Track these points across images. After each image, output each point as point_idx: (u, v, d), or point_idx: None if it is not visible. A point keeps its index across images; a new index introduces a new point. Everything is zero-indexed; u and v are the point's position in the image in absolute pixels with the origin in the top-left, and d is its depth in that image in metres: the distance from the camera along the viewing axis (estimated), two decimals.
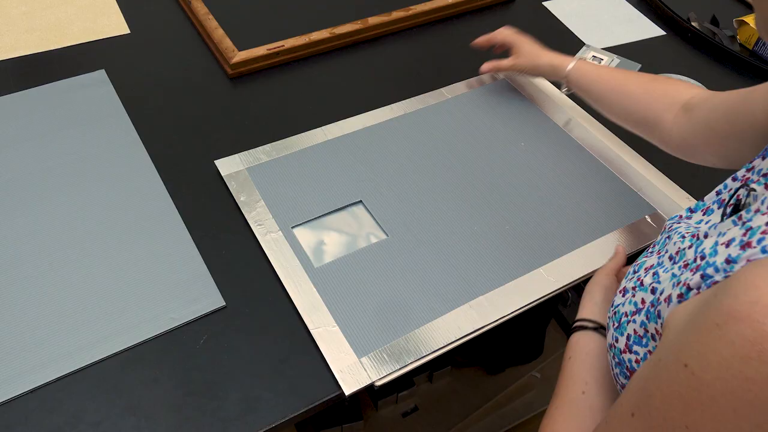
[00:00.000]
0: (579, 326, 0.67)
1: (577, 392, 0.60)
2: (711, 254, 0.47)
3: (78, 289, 0.73)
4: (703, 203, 0.60)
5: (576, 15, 1.22)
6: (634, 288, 0.56)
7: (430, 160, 0.91)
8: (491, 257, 0.79)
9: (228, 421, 0.64)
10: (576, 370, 0.62)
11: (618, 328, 0.55)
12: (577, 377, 0.62)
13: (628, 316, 0.54)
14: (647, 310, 0.51)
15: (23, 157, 0.88)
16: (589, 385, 0.61)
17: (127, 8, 1.16)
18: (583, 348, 0.64)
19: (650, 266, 0.56)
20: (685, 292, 0.46)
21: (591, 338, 0.65)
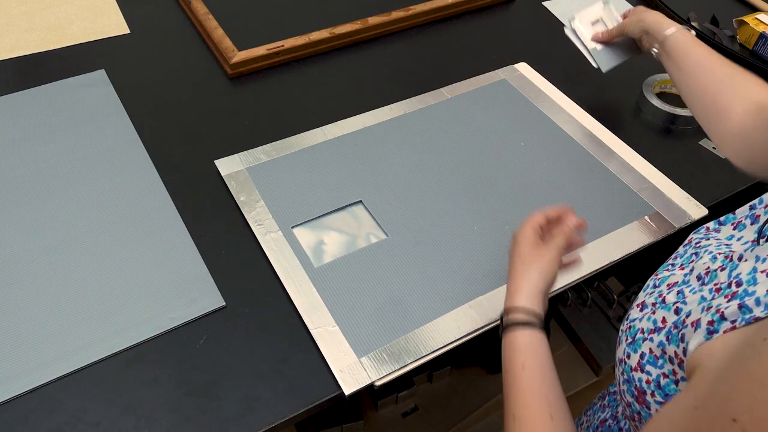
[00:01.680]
0: (525, 321, 0.59)
1: (546, 417, 0.54)
2: (749, 282, 0.43)
3: (78, 289, 0.73)
4: (734, 216, 0.55)
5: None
6: (655, 304, 0.52)
7: (430, 160, 0.91)
8: (491, 257, 0.79)
9: (228, 421, 0.64)
10: (537, 386, 0.56)
11: (632, 344, 0.51)
12: (540, 396, 0.55)
13: (645, 333, 0.51)
14: (668, 330, 0.48)
15: (23, 157, 0.88)
16: (554, 405, 0.55)
17: (127, 8, 1.16)
18: (536, 356, 0.58)
19: (674, 283, 0.52)
20: (717, 320, 0.43)
21: (538, 339, 0.59)
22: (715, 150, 0.96)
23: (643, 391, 0.49)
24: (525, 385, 0.56)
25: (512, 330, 0.59)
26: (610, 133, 0.96)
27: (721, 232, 0.55)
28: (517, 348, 0.58)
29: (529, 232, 0.65)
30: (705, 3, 1.26)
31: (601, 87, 1.06)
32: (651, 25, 0.86)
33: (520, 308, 0.60)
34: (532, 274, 0.62)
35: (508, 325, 0.60)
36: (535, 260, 0.63)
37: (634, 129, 0.99)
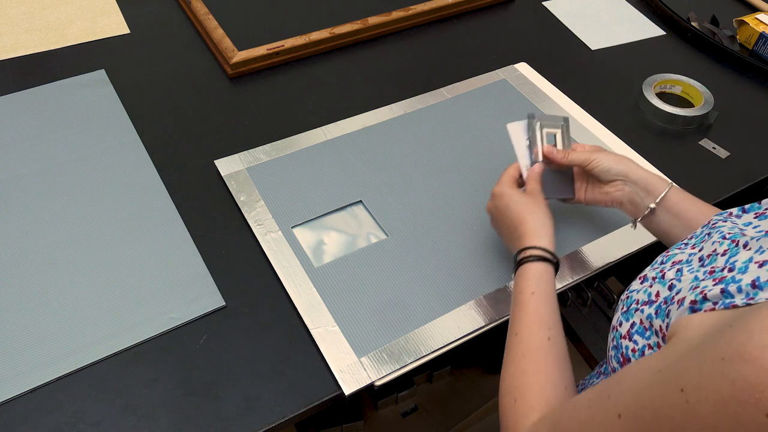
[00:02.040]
0: (540, 256, 0.64)
1: (544, 338, 0.59)
2: (741, 269, 0.45)
3: (78, 289, 0.73)
4: (759, 206, 0.55)
5: (576, 15, 1.22)
6: (654, 278, 0.53)
7: (430, 160, 0.91)
8: (491, 257, 0.79)
9: (228, 421, 0.64)
10: (542, 311, 0.61)
11: (626, 312, 0.54)
12: (542, 320, 0.60)
13: (639, 304, 0.53)
14: (659, 305, 0.50)
15: (23, 157, 0.88)
16: (553, 330, 0.60)
17: (127, 8, 1.16)
18: (546, 285, 0.63)
19: (678, 261, 0.54)
20: (700, 300, 0.45)
21: (550, 273, 0.64)
22: (715, 150, 0.96)
23: (629, 358, 0.52)
24: (531, 308, 0.61)
25: (528, 262, 0.65)
26: (610, 133, 0.96)
27: (742, 218, 0.55)
28: (530, 277, 0.63)
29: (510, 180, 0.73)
30: (705, 3, 1.26)
31: (601, 87, 1.06)
32: (643, 181, 0.71)
33: (537, 246, 0.65)
34: (541, 218, 0.68)
35: (524, 260, 0.65)
36: (536, 206, 0.69)
37: (634, 129, 0.99)
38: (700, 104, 1.01)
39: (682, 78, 1.05)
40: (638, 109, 1.02)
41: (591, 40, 1.16)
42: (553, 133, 0.77)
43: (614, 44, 1.16)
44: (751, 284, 0.42)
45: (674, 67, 1.09)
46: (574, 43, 1.16)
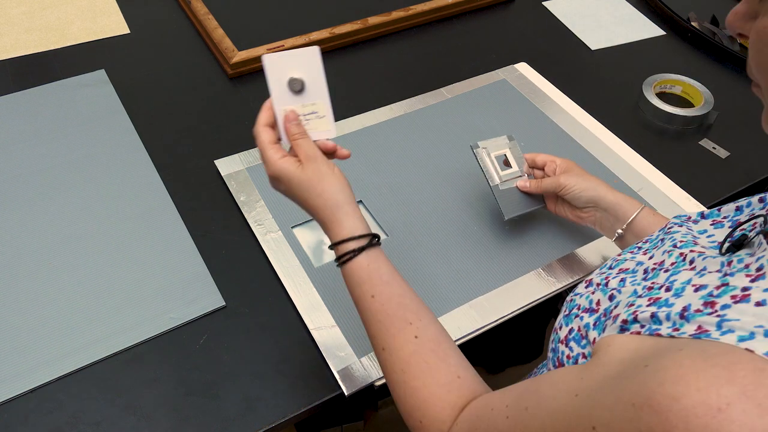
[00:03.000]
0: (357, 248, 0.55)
1: (411, 340, 0.53)
2: (677, 291, 0.42)
3: (78, 289, 0.73)
4: (718, 214, 0.53)
5: (576, 15, 1.22)
6: (598, 285, 0.51)
7: (430, 160, 0.91)
8: (491, 257, 0.79)
9: (228, 421, 0.64)
10: (393, 308, 0.54)
11: (567, 316, 0.51)
12: (399, 320, 0.54)
13: (579, 310, 0.50)
14: (598, 316, 0.48)
15: (23, 157, 0.88)
16: (414, 322, 0.54)
17: (127, 8, 1.16)
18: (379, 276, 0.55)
19: (624, 269, 0.51)
20: (630, 321, 0.42)
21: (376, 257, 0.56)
22: (715, 150, 0.96)
23: (563, 364, 0.50)
24: (381, 314, 0.54)
25: (348, 262, 0.56)
26: (610, 133, 0.96)
27: (699, 224, 0.53)
28: (360, 279, 0.55)
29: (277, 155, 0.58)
30: (705, 3, 1.26)
31: (601, 87, 1.06)
32: (613, 208, 0.71)
33: (345, 238, 0.56)
34: (335, 197, 0.56)
35: (343, 261, 0.56)
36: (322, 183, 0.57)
37: (634, 129, 0.99)
38: (700, 104, 1.01)
39: (682, 78, 1.05)
40: (638, 109, 1.02)
41: (591, 40, 1.16)
42: (502, 154, 0.77)
43: (614, 44, 1.16)
44: (681, 313, 0.39)
45: (674, 67, 1.09)
46: (574, 43, 1.16)
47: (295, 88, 0.59)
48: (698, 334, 0.37)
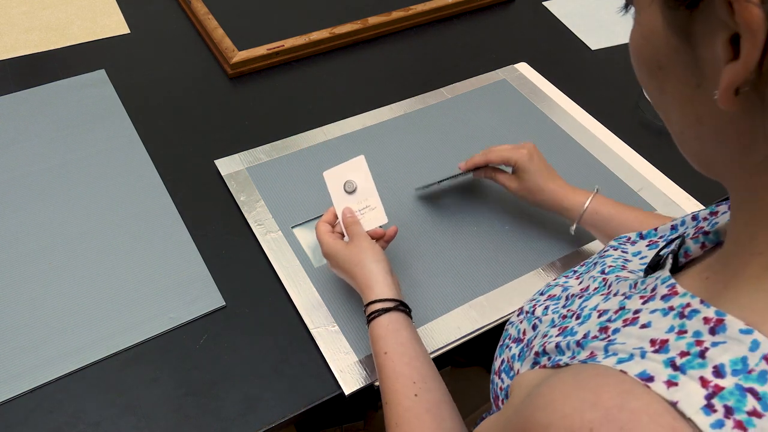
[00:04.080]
0: (382, 309, 0.62)
1: (410, 397, 0.56)
2: (585, 318, 0.41)
3: (77, 289, 0.73)
4: (655, 233, 0.52)
5: (576, 15, 1.22)
6: (527, 313, 0.50)
7: (430, 160, 0.91)
8: (491, 257, 0.79)
9: (228, 421, 0.64)
10: (400, 367, 0.58)
11: (501, 347, 0.51)
12: (404, 378, 0.58)
13: (510, 340, 0.50)
14: (522, 347, 0.47)
15: (23, 157, 0.88)
16: (419, 383, 0.57)
17: (127, 8, 1.16)
18: (396, 337, 0.60)
19: (552, 296, 0.50)
20: (541, 353, 0.41)
21: (397, 320, 0.61)
22: None
23: (497, 395, 0.49)
24: (389, 370, 0.59)
25: (372, 320, 0.62)
26: (610, 132, 0.96)
27: (636, 245, 0.52)
28: (379, 336, 0.61)
29: (330, 238, 0.69)
30: None
31: (601, 87, 1.06)
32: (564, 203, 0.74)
33: (375, 300, 0.63)
34: (370, 266, 0.65)
35: (369, 318, 0.63)
36: (360, 255, 0.66)
37: (634, 129, 0.99)
38: None
39: None
40: (638, 109, 1.02)
41: (591, 40, 1.16)
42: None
43: (614, 44, 1.15)
44: (578, 341, 0.38)
45: None
46: (574, 43, 1.16)
47: (349, 188, 0.73)
48: (586, 359, 0.36)
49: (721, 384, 0.29)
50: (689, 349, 0.31)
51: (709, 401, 0.29)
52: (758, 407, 0.28)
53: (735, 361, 0.29)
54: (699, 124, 0.33)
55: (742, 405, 0.28)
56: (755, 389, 0.29)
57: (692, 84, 0.32)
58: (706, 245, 0.42)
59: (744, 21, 0.26)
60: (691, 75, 0.31)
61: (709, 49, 0.29)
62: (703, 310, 0.32)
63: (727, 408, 0.28)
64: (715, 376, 0.29)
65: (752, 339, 0.30)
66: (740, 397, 0.29)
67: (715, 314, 0.32)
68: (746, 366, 0.29)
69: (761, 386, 0.29)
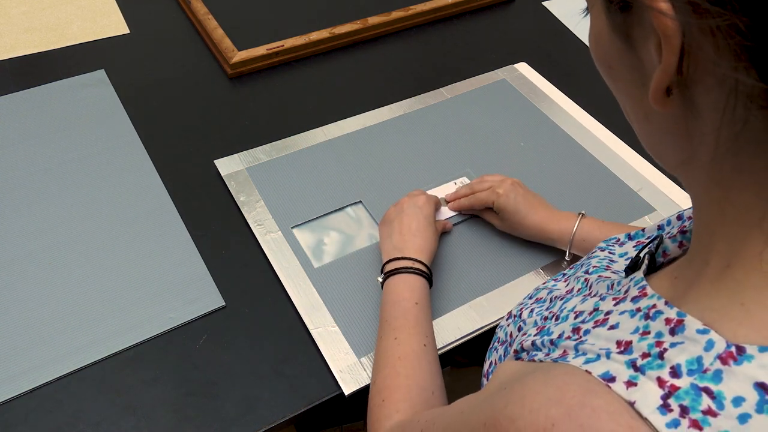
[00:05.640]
0: (420, 270, 0.67)
1: (420, 344, 0.61)
2: (563, 318, 0.42)
3: (77, 289, 0.73)
4: (642, 234, 0.52)
5: (576, 15, 1.22)
6: (515, 316, 0.51)
7: (430, 160, 0.91)
8: (491, 257, 0.79)
9: (228, 421, 0.64)
10: (423, 321, 0.64)
11: (490, 350, 0.52)
12: (422, 329, 0.63)
13: (498, 343, 0.51)
14: (506, 346, 0.48)
15: (23, 157, 0.88)
16: (429, 338, 0.63)
17: (126, 8, 1.16)
18: (427, 299, 0.66)
19: (539, 299, 0.51)
20: (519, 350, 0.42)
21: (426, 287, 0.67)
22: None
23: None
24: (413, 316, 0.64)
25: (414, 273, 0.67)
26: (609, 132, 0.96)
27: (624, 246, 0.52)
28: (415, 288, 0.66)
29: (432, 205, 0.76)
30: None
31: (601, 87, 1.06)
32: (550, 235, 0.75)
33: (423, 262, 0.69)
34: (433, 238, 0.72)
35: (407, 271, 0.67)
36: (434, 228, 0.74)
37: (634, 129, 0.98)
38: None
39: None
40: None
41: None
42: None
43: None
44: (552, 340, 0.39)
45: None
46: (574, 43, 1.16)
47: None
48: (558, 358, 0.37)
49: (677, 384, 0.30)
50: (650, 350, 0.32)
51: (665, 401, 0.29)
52: (713, 406, 0.29)
53: (691, 361, 0.30)
54: (647, 122, 0.34)
55: (697, 404, 0.29)
56: (710, 388, 0.29)
57: (638, 83, 0.33)
58: (684, 244, 0.42)
59: (660, 29, 0.28)
60: (637, 75, 0.32)
61: (646, 52, 0.31)
62: (666, 311, 0.33)
63: (683, 407, 0.29)
64: (672, 377, 0.30)
65: (707, 339, 0.30)
66: (695, 396, 0.29)
67: (677, 315, 0.32)
68: (701, 365, 0.30)
69: (716, 385, 0.29)
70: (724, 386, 0.29)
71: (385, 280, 0.68)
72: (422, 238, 0.71)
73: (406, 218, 0.73)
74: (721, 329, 0.30)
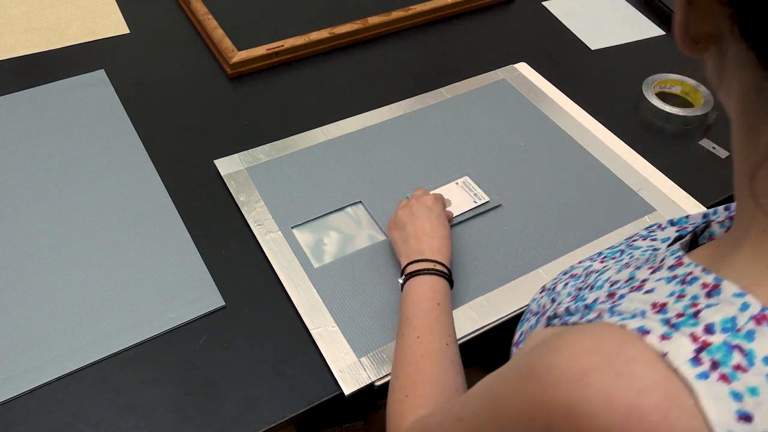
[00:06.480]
0: (441, 272, 0.68)
1: (443, 343, 0.62)
2: (598, 287, 0.44)
3: (77, 289, 0.73)
4: (686, 220, 0.53)
5: (576, 15, 1.22)
6: (548, 290, 0.53)
7: (430, 160, 0.91)
8: (491, 258, 0.79)
9: (228, 421, 0.64)
10: (444, 321, 0.65)
11: (521, 321, 0.55)
12: (444, 329, 0.64)
13: (529, 314, 0.53)
14: (539, 316, 0.50)
15: (23, 157, 0.88)
16: (451, 338, 0.64)
17: (126, 8, 1.16)
18: (449, 300, 0.67)
19: (573, 275, 0.53)
20: (552, 316, 0.45)
21: (448, 288, 0.68)
22: (715, 150, 0.96)
23: None
24: (435, 316, 0.65)
25: (437, 275, 0.68)
26: (609, 132, 0.96)
27: (666, 231, 0.54)
28: (438, 289, 0.67)
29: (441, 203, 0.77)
30: None
31: (601, 87, 1.06)
32: None
33: (444, 264, 0.69)
34: (448, 237, 0.73)
35: (429, 272, 0.68)
36: (446, 227, 0.74)
37: (633, 129, 0.99)
38: (699, 104, 1.01)
39: (681, 78, 1.05)
40: (638, 109, 1.02)
41: (591, 40, 1.16)
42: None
43: (614, 44, 1.16)
44: (587, 304, 0.41)
45: (674, 67, 1.09)
46: (574, 43, 1.16)
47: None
48: (593, 319, 0.39)
49: (709, 340, 0.32)
50: (685, 311, 0.34)
51: (697, 355, 0.31)
52: (743, 362, 0.31)
53: (725, 321, 0.32)
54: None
55: (728, 360, 0.31)
56: (742, 346, 0.31)
57: None
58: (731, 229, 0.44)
59: None
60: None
61: None
62: (702, 277, 0.35)
63: (714, 362, 0.31)
64: (705, 333, 0.32)
65: (743, 301, 0.32)
66: (727, 352, 0.31)
67: (713, 280, 0.34)
68: (735, 325, 0.32)
69: (748, 344, 0.31)
70: (756, 345, 0.31)
71: (405, 282, 0.69)
72: (438, 238, 0.71)
73: (419, 221, 0.73)
74: (757, 293, 0.32)
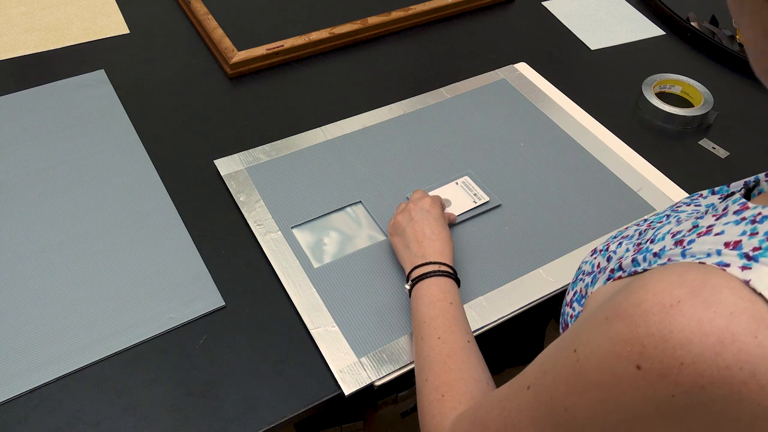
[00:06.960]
0: (447, 273, 0.69)
1: (465, 341, 0.63)
2: (658, 239, 0.46)
3: (77, 289, 0.73)
4: (728, 189, 0.55)
5: (576, 15, 1.22)
6: (601, 251, 0.55)
7: (430, 160, 0.91)
8: (490, 258, 0.79)
9: (228, 421, 0.64)
10: (461, 319, 0.65)
11: (574, 282, 0.56)
12: (462, 326, 0.65)
13: (584, 275, 0.55)
14: (595, 275, 0.52)
15: (22, 157, 0.88)
16: (469, 335, 0.65)
17: (126, 8, 1.16)
18: (457, 296, 0.68)
19: (626, 236, 0.55)
20: (616, 269, 0.47)
21: (456, 287, 0.69)
22: (715, 150, 0.96)
23: (567, 324, 0.54)
24: (452, 315, 0.65)
25: (441, 277, 0.69)
26: (609, 132, 0.96)
27: (708, 199, 0.56)
28: (448, 289, 0.68)
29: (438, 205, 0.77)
30: (705, 3, 1.26)
31: (601, 87, 1.06)
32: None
33: (449, 265, 0.70)
34: (448, 238, 0.73)
35: (435, 274, 0.69)
36: (445, 229, 0.74)
37: (633, 129, 0.99)
38: (699, 104, 1.01)
39: (681, 78, 1.05)
40: (638, 109, 1.02)
41: (591, 40, 1.16)
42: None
43: (614, 44, 1.16)
44: (654, 253, 0.43)
45: (674, 67, 1.09)
46: (574, 43, 1.16)
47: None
48: (665, 263, 0.41)
49: None
50: (761, 245, 0.36)
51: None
52: None
53: None
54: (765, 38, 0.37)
55: None
56: None
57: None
58: None
59: None
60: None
61: None
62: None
63: None
64: None
65: None
66: None
67: None
68: None
69: None
70: None
71: (413, 287, 0.69)
72: (440, 240, 0.72)
73: (418, 225, 0.73)
74: None
